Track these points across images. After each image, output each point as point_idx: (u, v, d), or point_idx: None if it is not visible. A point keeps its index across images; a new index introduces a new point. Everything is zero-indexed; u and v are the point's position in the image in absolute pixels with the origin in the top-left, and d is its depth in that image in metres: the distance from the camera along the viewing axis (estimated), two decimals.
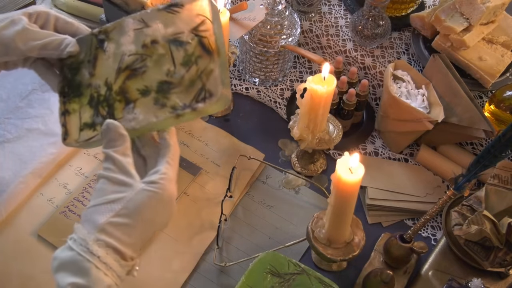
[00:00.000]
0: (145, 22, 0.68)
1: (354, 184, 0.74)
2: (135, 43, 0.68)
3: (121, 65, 0.68)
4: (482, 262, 0.88)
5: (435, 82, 1.02)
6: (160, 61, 0.67)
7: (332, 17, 1.19)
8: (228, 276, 0.90)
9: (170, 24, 0.67)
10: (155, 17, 0.68)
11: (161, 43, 0.67)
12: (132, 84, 0.67)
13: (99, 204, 0.60)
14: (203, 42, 0.65)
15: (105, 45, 0.69)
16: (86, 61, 0.70)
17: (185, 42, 0.66)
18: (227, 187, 0.97)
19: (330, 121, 0.98)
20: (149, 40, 0.67)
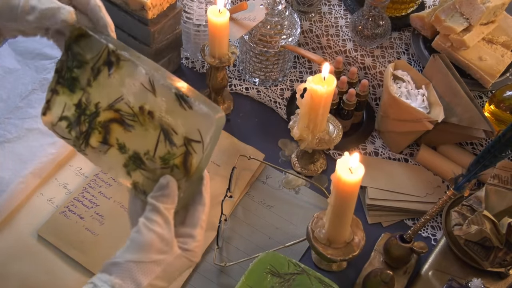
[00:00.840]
0: (153, 89, 0.64)
1: (354, 184, 0.74)
2: (136, 97, 0.65)
3: (114, 104, 0.66)
4: (482, 262, 0.88)
5: (435, 82, 1.02)
6: (146, 136, 0.64)
7: (332, 17, 1.19)
8: (228, 276, 0.90)
9: (172, 113, 0.63)
10: (165, 94, 0.63)
11: (155, 123, 0.64)
12: (115, 131, 0.65)
13: (144, 262, 0.59)
14: (187, 158, 0.62)
15: (112, 70, 0.66)
16: (90, 65, 0.67)
17: (174, 143, 0.63)
18: (227, 187, 0.97)
19: (330, 121, 0.98)
20: (148, 108, 0.64)
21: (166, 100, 0.63)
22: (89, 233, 0.91)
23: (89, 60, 0.67)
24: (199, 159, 0.62)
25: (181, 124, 0.62)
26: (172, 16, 1.05)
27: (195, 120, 0.61)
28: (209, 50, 1.00)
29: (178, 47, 1.13)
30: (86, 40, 0.67)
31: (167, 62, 1.13)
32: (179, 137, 0.62)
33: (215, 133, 0.62)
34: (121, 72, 0.65)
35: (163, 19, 1.04)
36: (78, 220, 0.92)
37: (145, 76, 0.64)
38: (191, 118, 0.62)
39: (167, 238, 0.60)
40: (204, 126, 0.61)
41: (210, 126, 0.61)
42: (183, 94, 0.62)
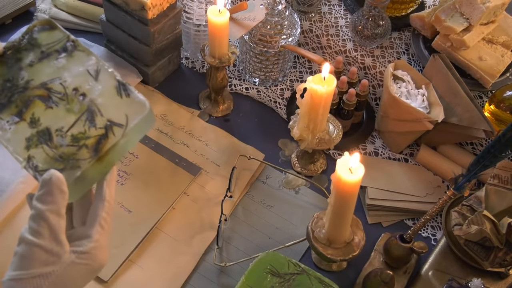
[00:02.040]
0: (97, 75, 0.66)
1: (354, 184, 0.74)
2: (75, 79, 0.66)
3: (48, 83, 0.66)
4: (482, 262, 0.88)
5: (435, 82, 1.02)
6: (66, 114, 0.64)
7: (332, 17, 1.19)
8: (228, 276, 0.90)
9: (106, 97, 0.64)
10: (106, 80, 0.65)
11: (83, 104, 0.64)
12: (35, 106, 0.65)
13: (26, 279, 0.52)
14: (102, 140, 0.61)
15: (62, 55, 0.67)
16: (42, 49, 0.68)
17: (94, 124, 0.62)
18: (227, 187, 0.97)
19: (330, 121, 0.98)
20: (82, 90, 0.65)
21: (105, 86, 0.65)
22: None
23: (43, 45, 0.69)
24: (113, 142, 0.61)
25: (111, 108, 0.63)
26: (172, 16, 1.05)
27: (127, 106, 0.63)
28: (209, 50, 1.00)
29: (178, 47, 1.13)
30: (51, 31, 0.70)
31: (167, 62, 1.13)
32: (103, 119, 0.63)
33: (142, 122, 0.63)
34: (70, 59, 0.67)
35: (163, 19, 1.04)
36: None
37: (94, 65, 0.66)
38: (124, 104, 0.63)
39: (51, 248, 0.54)
40: (134, 112, 0.63)
41: (141, 113, 0.62)
42: (125, 83, 0.64)
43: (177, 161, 1.01)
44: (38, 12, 1.20)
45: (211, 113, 1.10)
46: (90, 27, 1.20)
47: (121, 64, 1.11)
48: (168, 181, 0.98)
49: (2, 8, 1.17)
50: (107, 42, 1.14)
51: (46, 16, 1.19)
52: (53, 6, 1.20)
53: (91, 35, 1.19)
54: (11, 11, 1.18)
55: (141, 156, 1.01)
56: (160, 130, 1.06)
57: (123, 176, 0.98)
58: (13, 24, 1.19)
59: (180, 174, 0.99)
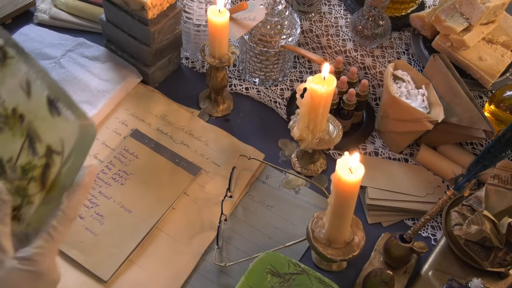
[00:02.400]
0: (29, 90, 0.58)
1: (354, 184, 0.74)
2: (11, 97, 0.59)
3: None
4: (482, 262, 0.88)
5: (435, 82, 1.02)
6: (12, 142, 0.59)
7: (332, 17, 1.19)
8: (228, 276, 0.90)
9: (41, 119, 0.57)
10: (38, 97, 0.57)
11: (24, 128, 0.58)
12: None
13: None
14: (46, 171, 0.56)
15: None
16: None
17: (36, 152, 0.57)
18: (227, 187, 0.97)
19: (330, 121, 0.98)
20: (20, 111, 0.58)
21: (38, 104, 0.57)
22: (89, 233, 0.91)
23: None
24: (56, 172, 0.56)
25: (47, 131, 0.57)
26: (172, 16, 1.05)
27: (60, 128, 0.56)
28: (209, 50, 1.00)
29: (178, 47, 1.13)
30: None
31: (167, 62, 1.13)
32: (42, 145, 0.57)
33: (78, 144, 0.56)
34: (4, 70, 0.61)
35: (163, 19, 1.04)
36: (78, 220, 0.92)
37: (24, 76, 0.59)
38: (57, 125, 0.56)
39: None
40: (67, 135, 0.56)
41: (72, 136, 0.55)
42: (54, 99, 0.57)
43: (177, 161, 1.01)
44: (38, 12, 1.20)
45: (211, 113, 1.10)
46: (90, 27, 1.20)
47: (121, 64, 1.11)
48: (168, 181, 0.98)
49: (2, 8, 1.17)
50: (107, 42, 1.14)
51: (46, 16, 1.19)
52: (53, 6, 1.20)
53: (91, 35, 1.19)
54: (11, 11, 1.18)
55: (141, 156, 1.01)
56: (160, 130, 1.06)
57: (123, 176, 0.98)
58: (13, 24, 1.19)
59: (180, 174, 0.99)
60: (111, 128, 1.05)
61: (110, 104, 1.07)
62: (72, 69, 1.09)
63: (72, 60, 1.11)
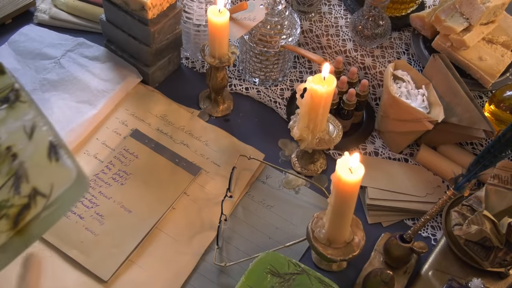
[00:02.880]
0: (32, 133, 0.61)
1: (354, 184, 0.74)
2: (10, 137, 0.61)
3: None
4: (482, 262, 0.88)
5: (435, 82, 1.02)
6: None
7: (332, 17, 1.19)
8: (228, 276, 0.90)
9: (35, 161, 0.59)
10: (40, 141, 0.60)
11: (13, 166, 0.60)
12: None
13: None
14: (24, 211, 0.57)
15: (3, 107, 0.63)
16: None
17: (19, 191, 0.58)
18: (227, 187, 0.97)
19: (330, 121, 0.98)
20: (14, 150, 0.61)
21: (37, 147, 0.60)
22: (89, 233, 0.91)
23: None
24: (34, 214, 0.56)
25: (38, 174, 0.58)
26: (172, 16, 1.05)
27: (55, 173, 0.58)
28: (209, 50, 1.00)
29: (178, 47, 1.13)
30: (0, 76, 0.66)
31: (167, 62, 1.13)
32: (28, 186, 0.58)
33: (68, 192, 0.57)
34: (10, 112, 0.63)
35: (163, 19, 1.04)
36: (78, 220, 0.92)
37: (30, 121, 0.61)
38: (52, 171, 0.58)
39: None
40: (60, 181, 0.57)
41: (66, 182, 0.57)
42: (56, 144, 0.59)
43: (177, 161, 1.01)
44: (38, 12, 1.20)
45: (211, 113, 1.10)
46: (90, 27, 1.20)
47: (121, 64, 1.11)
48: (168, 181, 0.98)
49: (2, 8, 1.17)
50: (107, 42, 1.14)
51: (46, 16, 1.19)
52: (53, 6, 1.20)
53: (91, 35, 1.19)
54: (11, 11, 1.18)
55: (141, 156, 1.01)
56: (160, 130, 1.06)
57: (123, 176, 0.98)
58: (13, 24, 1.19)
59: (180, 174, 0.99)
60: (111, 128, 1.05)
61: (110, 104, 1.07)
62: (72, 69, 1.09)
63: (72, 60, 1.11)
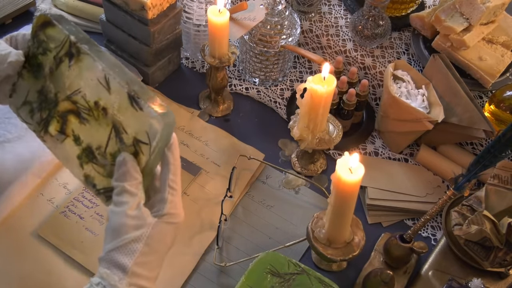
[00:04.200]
0: (108, 86, 0.65)
1: (354, 184, 0.74)
2: (92, 91, 0.66)
3: (72, 96, 0.67)
4: (482, 262, 0.88)
5: (435, 82, 1.02)
6: (99, 131, 0.66)
7: (332, 17, 1.19)
8: (228, 276, 0.90)
9: (124, 112, 0.64)
10: (119, 92, 0.64)
11: (108, 119, 0.65)
12: (72, 122, 0.68)
13: (122, 245, 0.60)
14: (136, 157, 0.63)
15: (72, 62, 0.67)
16: (53, 54, 0.69)
17: (123, 142, 0.64)
18: (227, 187, 0.97)
19: (330, 121, 0.98)
20: (102, 104, 0.65)
21: (120, 99, 0.64)
22: (89, 233, 0.91)
23: (53, 49, 0.69)
24: (146, 160, 0.63)
25: (132, 124, 0.63)
26: (172, 16, 1.05)
27: (144, 122, 0.62)
28: (209, 50, 1.00)
29: (178, 47, 1.13)
30: (51, 29, 0.69)
31: (167, 62, 1.13)
32: (129, 136, 0.63)
33: (162, 137, 0.62)
34: (80, 65, 0.67)
35: (163, 19, 1.04)
36: (78, 220, 0.92)
37: (102, 72, 0.65)
38: (141, 119, 0.62)
39: (136, 213, 0.61)
40: (152, 129, 0.62)
41: (157, 131, 0.61)
42: (134, 95, 0.63)
43: None
44: (38, 12, 1.20)
45: (211, 113, 1.10)
46: (90, 27, 1.20)
47: None
48: None
49: (2, 8, 1.17)
50: (107, 42, 1.14)
51: None
52: (53, 6, 1.20)
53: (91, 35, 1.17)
54: (11, 11, 1.18)
55: None
56: None
57: None
58: (13, 24, 1.19)
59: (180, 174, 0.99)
60: None
61: None
62: None
63: None
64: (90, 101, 0.66)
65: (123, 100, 0.63)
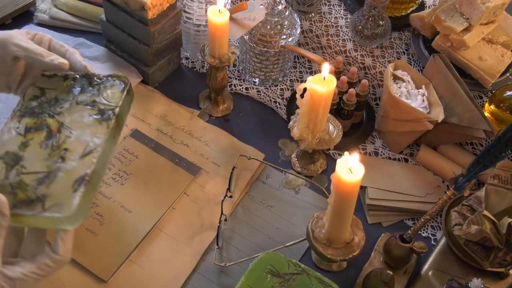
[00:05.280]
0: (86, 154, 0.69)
1: (354, 184, 0.74)
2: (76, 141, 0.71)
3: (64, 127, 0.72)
4: (482, 262, 0.88)
5: (435, 82, 1.02)
6: (39, 161, 0.68)
7: (332, 17, 1.19)
8: (228, 276, 0.90)
9: (60, 182, 0.67)
10: (83, 163, 0.69)
11: (53, 166, 0.68)
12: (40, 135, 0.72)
13: None
14: (22, 206, 0.64)
15: None
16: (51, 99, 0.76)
17: (37, 188, 0.66)
18: (227, 187, 0.97)
19: (330, 121, 0.98)
20: (66, 157, 0.69)
21: (75, 168, 0.68)
22: (89, 233, 0.91)
23: (99, 100, 0.76)
24: (29, 214, 0.64)
25: (56, 189, 0.66)
26: (172, 16, 1.05)
27: (64, 198, 0.65)
28: (209, 50, 1.00)
29: (178, 47, 1.13)
30: (118, 92, 0.78)
31: (167, 62, 1.13)
32: (44, 191, 0.66)
33: (54, 220, 0.64)
34: (96, 125, 0.73)
35: (163, 19, 1.04)
36: None
37: (93, 145, 0.70)
38: (65, 194, 0.66)
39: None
40: (58, 209, 0.64)
41: (60, 212, 0.64)
42: (85, 180, 0.67)
43: (177, 161, 1.01)
44: (38, 12, 1.20)
45: (211, 113, 1.10)
46: (90, 27, 1.20)
47: (121, 64, 1.11)
48: (168, 181, 0.98)
49: (2, 8, 1.17)
50: (107, 42, 1.14)
51: (46, 16, 1.19)
52: (53, 6, 1.20)
53: (91, 35, 1.19)
54: (11, 11, 1.18)
55: (141, 156, 1.01)
56: (160, 130, 1.06)
57: (123, 176, 0.98)
58: (13, 24, 1.19)
59: (180, 174, 0.99)
60: None
61: None
62: None
63: None
64: (64, 143, 0.70)
65: (76, 172, 0.68)
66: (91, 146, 0.70)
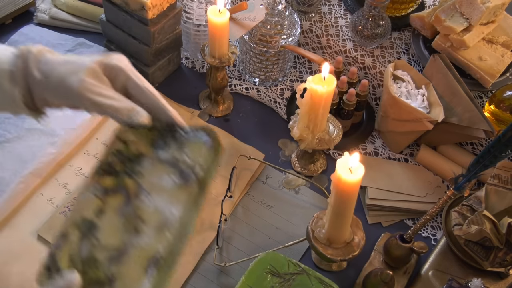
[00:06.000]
0: (160, 231, 0.59)
1: (354, 184, 0.74)
2: (153, 211, 0.58)
3: (141, 192, 0.60)
4: (482, 262, 0.88)
5: (435, 82, 1.02)
6: (114, 233, 0.58)
7: (332, 17, 1.19)
8: (228, 276, 0.90)
9: (132, 263, 0.57)
10: (152, 238, 0.58)
11: (124, 241, 0.58)
12: (117, 199, 0.60)
13: None
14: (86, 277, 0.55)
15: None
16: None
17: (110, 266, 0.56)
18: (227, 187, 0.97)
19: (330, 121, 0.98)
20: (140, 228, 0.58)
21: (148, 244, 0.58)
22: None
23: (183, 159, 0.62)
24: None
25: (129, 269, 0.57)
26: (172, 16, 1.05)
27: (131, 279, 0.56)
28: (209, 50, 1.00)
29: (178, 47, 1.13)
30: (205, 151, 0.64)
31: (167, 62, 1.13)
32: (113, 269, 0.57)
33: None
34: (176, 190, 0.60)
35: (163, 19, 1.04)
36: None
37: (186, 217, 0.60)
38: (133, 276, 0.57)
39: None
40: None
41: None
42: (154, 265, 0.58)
43: None
44: (38, 12, 1.20)
45: (211, 113, 1.10)
46: (90, 27, 1.20)
47: None
48: None
49: (2, 8, 1.17)
50: (107, 42, 1.14)
51: (46, 16, 1.19)
52: (53, 6, 1.20)
53: (91, 35, 1.19)
54: (11, 11, 1.18)
55: None
56: None
57: None
58: (13, 24, 1.19)
59: None
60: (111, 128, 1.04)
61: None
62: None
63: None
64: (142, 211, 0.59)
65: (148, 251, 0.58)
66: (167, 217, 0.58)
